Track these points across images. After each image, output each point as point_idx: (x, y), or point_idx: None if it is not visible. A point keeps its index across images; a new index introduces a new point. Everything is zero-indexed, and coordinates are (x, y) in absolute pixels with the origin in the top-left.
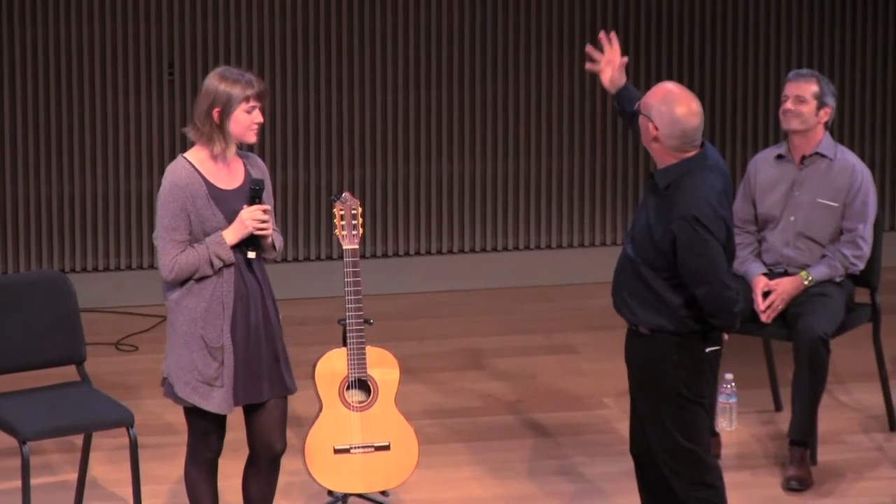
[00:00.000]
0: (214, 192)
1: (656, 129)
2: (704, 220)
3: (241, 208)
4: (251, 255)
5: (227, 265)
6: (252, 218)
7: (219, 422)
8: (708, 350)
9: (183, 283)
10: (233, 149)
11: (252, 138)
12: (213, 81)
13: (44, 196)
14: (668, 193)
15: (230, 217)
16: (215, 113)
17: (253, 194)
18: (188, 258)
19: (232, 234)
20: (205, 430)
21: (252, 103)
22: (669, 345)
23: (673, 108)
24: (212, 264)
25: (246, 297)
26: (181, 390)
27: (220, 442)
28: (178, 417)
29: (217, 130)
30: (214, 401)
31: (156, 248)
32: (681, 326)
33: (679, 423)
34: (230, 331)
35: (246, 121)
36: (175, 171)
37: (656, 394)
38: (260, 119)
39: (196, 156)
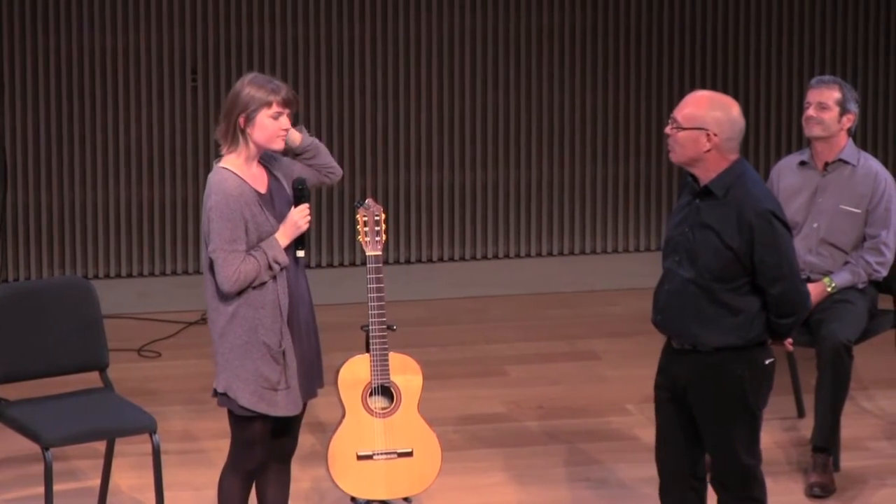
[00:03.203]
0: (260, 198)
1: (715, 135)
2: (779, 214)
3: (279, 209)
4: (301, 254)
5: (281, 268)
6: (303, 218)
7: (266, 432)
8: (767, 362)
9: (240, 293)
10: (256, 153)
11: (279, 145)
12: (240, 86)
13: (67, 202)
14: (729, 198)
15: (277, 220)
16: (241, 118)
17: (297, 194)
18: (249, 267)
19: (284, 237)
20: (251, 441)
21: (277, 109)
22: (734, 359)
23: (728, 110)
24: (271, 269)
25: (296, 298)
26: (248, 401)
27: (263, 454)
28: (200, 424)
29: (240, 135)
30: (280, 405)
31: (215, 262)
32: (748, 339)
33: (742, 436)
34: (289, 333)
35: (272, 127)
36: (223, 182)
37: (722, 409)
38: (287, 125)
39: (233, 163)
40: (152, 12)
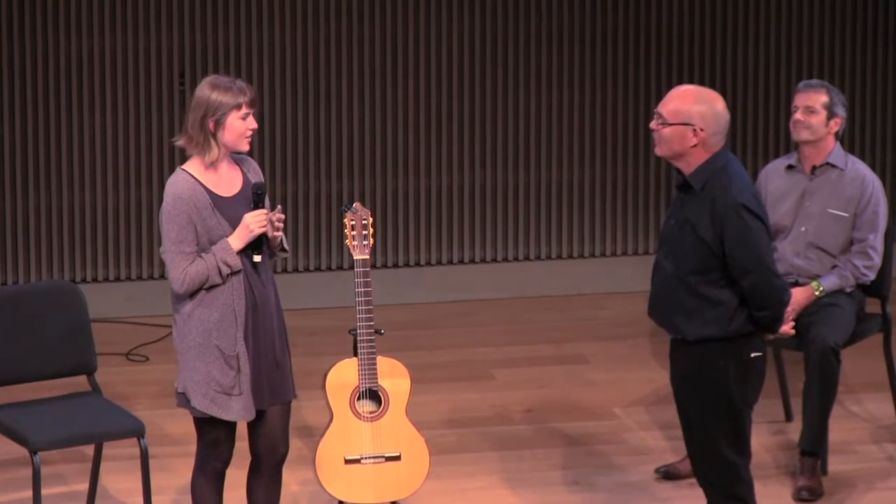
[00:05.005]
0: (217, 201)
1: (702, 130)
2: (751, 207)
3: (244, 214)
4: (257, 258)
5: (234, 272)
6: (256, 222)
7: (230, 431)
8: (753, 355)
9: (193, 295)
10: (226, 156)
11: (245, 146)
12: (205, 91)
13: (55, 206)
14: (706, 192)
15: (234, 224)
16: (210, 123)
17: (255, 199)
18: (198, 269)
19: (237, 240)
20: (216, 440)
21: (245, 110)
22: (717, 351)
23: (713, 104)
24: (220, 272)
25: (255, 304)
26: (199, 402)
27: (229, 452)
28: (187, 427)
29: (212, 139)
30: (234, 409)
31: (165, 262)
32: (728, 330)
33: (725, 431)
34: (244, 338)
35: (240, 128)
36: (177, 184)
37: (705, 401)
38: (254, 125)
39: (195, 166)
40: (139, 16)
